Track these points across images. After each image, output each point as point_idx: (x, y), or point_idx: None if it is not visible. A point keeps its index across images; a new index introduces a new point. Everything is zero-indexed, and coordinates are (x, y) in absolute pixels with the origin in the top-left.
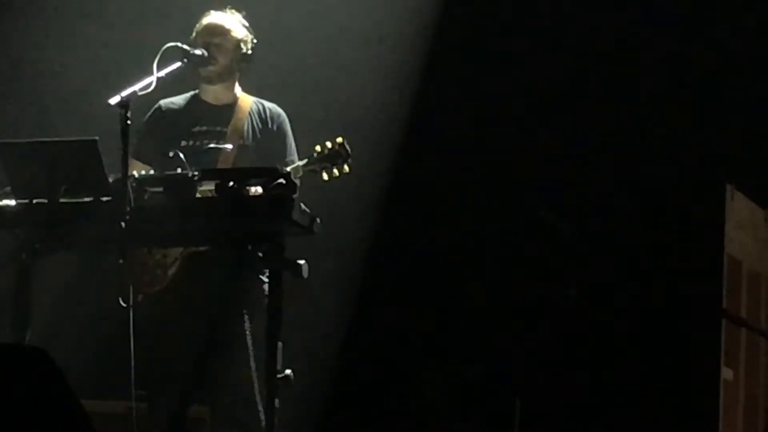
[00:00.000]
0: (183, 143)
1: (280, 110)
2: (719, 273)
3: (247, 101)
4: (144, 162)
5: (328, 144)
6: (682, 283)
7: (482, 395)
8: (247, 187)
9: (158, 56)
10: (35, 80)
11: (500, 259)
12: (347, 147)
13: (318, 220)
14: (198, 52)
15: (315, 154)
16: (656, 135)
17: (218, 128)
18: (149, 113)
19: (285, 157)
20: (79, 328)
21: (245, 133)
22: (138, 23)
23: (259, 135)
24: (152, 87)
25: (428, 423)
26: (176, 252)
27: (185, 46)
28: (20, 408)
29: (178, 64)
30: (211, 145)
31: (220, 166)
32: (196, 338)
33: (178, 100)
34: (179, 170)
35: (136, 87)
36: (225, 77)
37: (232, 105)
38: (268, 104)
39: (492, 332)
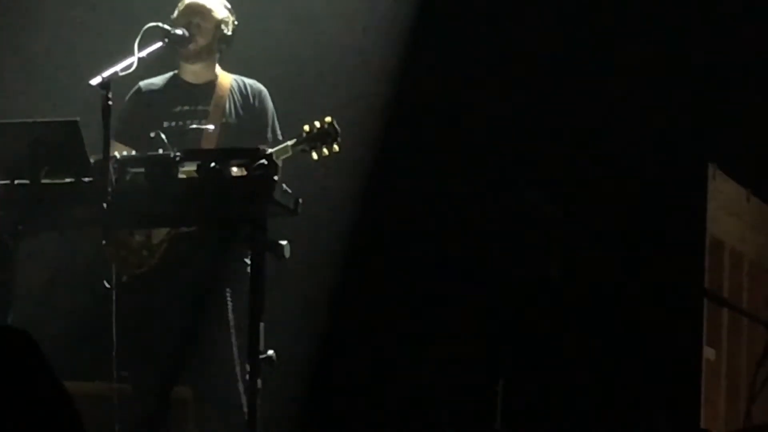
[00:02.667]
0: (165, 124)
1: (260, 86)
2: (701, 253)
3: (227, 79)
4: (126, 144)
5: (317, 123)
6: (665, 263)
7: (465, 377)
8: (230, 168)
9: (139, 36)
10: (18, 62)
11: (484, 240)
12: (336, 126)
13: (300, 200)
14: (179, 32)
15: (304, 134)
16: (638, 115)
17: (200, 107)
18: (129, 95)
19: (267, 132)
20: (62, 309)
21: (227, 111)
22: (119, 4)
23: (241, 111)
24: (133, 67)
25: (411, 404)
26: (162, 233)
27: (166, 26)
28: (1, 390)
29: (159, 44)
30: (193, 126)
31: (203, 146)
32: (181, 320)
33: (158, 80)
34: (161, 151)
35: (118, 67)
36: (204, 56)
37: (212, 83)
38: (248, 81)
39: (475, 313)
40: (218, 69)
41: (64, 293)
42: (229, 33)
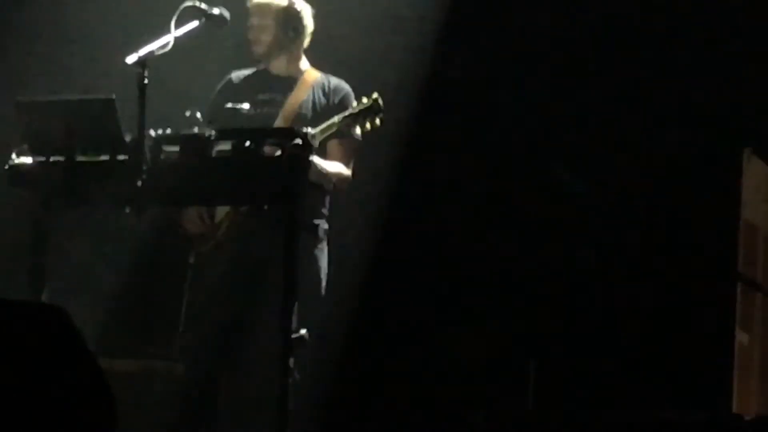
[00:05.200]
0: (246, 106)
1: (345, 85)
2: (735, 237)
3: (313, 75)
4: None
5: (364, 99)
6: (698, 247)
7: (498, 357)
8: (264, 148)
9: (176, 15)
10: (54, 39)
11: (517, 220)
12: (380, 102)
13: (334, 178)
14: (216, 11)
15: (351, 110)
16: (673, 99)
17: (278, 97)
18: (221, 83)
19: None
20: (97, 286)
21: (303, 104)
22: None
23: (318, 108)
24: (170, 46)
25: (443, 383)
26: (223, 212)
27: (203, 5)
28: (36, 366)
29: (196, 23)
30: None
31: None
32: (238, 301)
33: (248, 71)
34: (196, 129)
35: (154, 46)
36: (276, 52)
37: (296, 77)
38: (334, 79)
39: (507, 294)
40: (305, 63)
41: (99, 270)
42: (298, 20)
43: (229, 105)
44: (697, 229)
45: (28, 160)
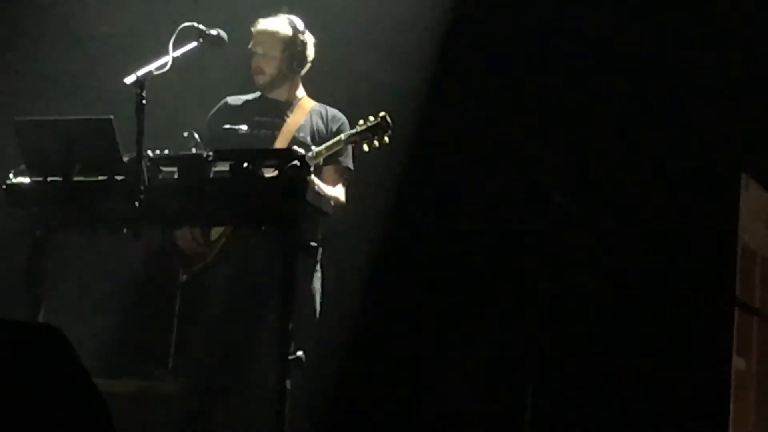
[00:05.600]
0: (244, 128)
1: (341, 115)
2: (733, 262)
3: (309, 103)
4: None
5: (371, 117)
6: (696, 272)
7: (495, 380)
8: (262, 169)
9: (174, 36)
10: (53, 59)
11: (515, 246)
12: (389, 120)
13: (332, 202)
14: (213, 32)
15: (358, 127)
16: (671, 124)
17: (277, 120)
18: (216, 106)
19: (341, 156)
20: (93, 306)
21: (301, 128)
22: (154, 4)
23: (316, 134)
24: (168, 66)
25: (440, 408)
26: (219, 230)
27: (201, 26)
28: (33, 386)
29: (194, 44)
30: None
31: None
32: (233, 319)
33: (245, 96)
34: (194, 150)
35: (152, 66)
36: (278, 83)
37: (293, 102)
38: (330, 109)
39: (505, 318)
40: (302, 91)
41: (96, 290)
42: (302, 51)
43: (227, 126)
44: (695, 254)
45: (26, 179)
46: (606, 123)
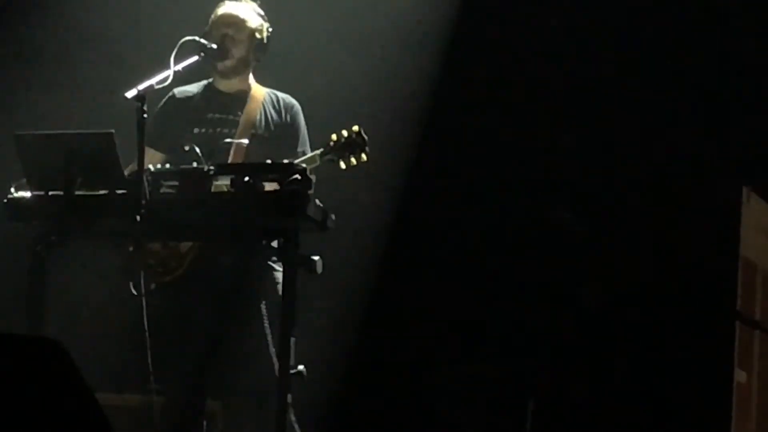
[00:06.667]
0: (196, 130)
1: (293, 101)
2: (734, 275)
3: (260, 91)
4: (158, 149)
5: (345, 133)
6: (697, 285)
7: (496, 396)
8: (263, 183)
9: (175, 50)
10: (54, 72)
11: (516, 260)
12: (364, 135)
13: (333, 216)
14: (214, 46)
15: (332, 143)
16: (673, 136)
17: (231, 116)
18: (163, 101)
19: (297, 147)
20: (94, 320)
21: (258, 122)
22: (154, 18)
23: (272, 126)
24: (169, 81)
25: (441, 423)
26: (186, 245)
27: (202, 40)
28: (35, 400)
29: (195, 58)
30: (227, 140)
31: (233, 157)
32: (210, 330)
33: (192, 88)
34: (194, 164)
35: (153, 81)
36: (240, 69)
37: (245, 93)
38: (281, 95)
39: (506, 333)
40: (252, 80)
41: (97, 304)
42: (265, 41)
43: (186, 148)
44: (696, 266)
45: (26, 194)
46: (607, 137)
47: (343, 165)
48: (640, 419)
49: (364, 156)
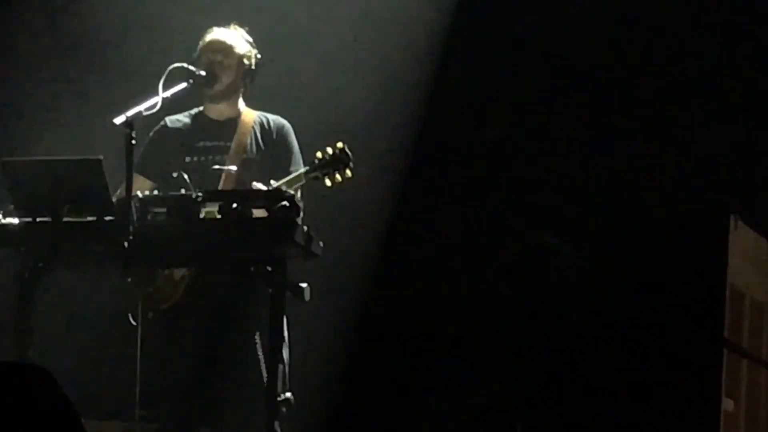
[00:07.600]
0: (187, 159)
1: (283, 121)
2: (722, 303)
3: (250, 115)
4: (148, 178)
5: (329, 150)
6: (685, 313)
7: (484, 421)
8: (251, 209)
9: (164, 77)
10: (44, 97)
11: (503, 284)
12: (348, 152)
13: (321, 243)
14: (203, 73)
15: (316, 161)
16: (661, 164)
17: (221, 143)
18: (154, 129)
19: (290, 167)
20: (82, 347)
21: (248, 147)
22: (141, 44)
23: (263, 146)
24: (157, 107)
25: None
26: (183, 269)
27: (191, 67)
28: (22, 428)
29: (184, 84)
30: (216, 167)
31: (223, 183)
32: (203, 357)
33: (183, 116)
34: (183, 191)
35: (142, 107)
36: (229, 95)
37: (236, 119)
38: (271, 117)
39: (494, 358)
40: (242, 105)
41: (84, 331)
42: (253, 67)
43: (174, 174)
44: (683, 294)
45: (14, 220)
46: (595, 164)
47: (328, 182)
48: None
49: (348, 172)
